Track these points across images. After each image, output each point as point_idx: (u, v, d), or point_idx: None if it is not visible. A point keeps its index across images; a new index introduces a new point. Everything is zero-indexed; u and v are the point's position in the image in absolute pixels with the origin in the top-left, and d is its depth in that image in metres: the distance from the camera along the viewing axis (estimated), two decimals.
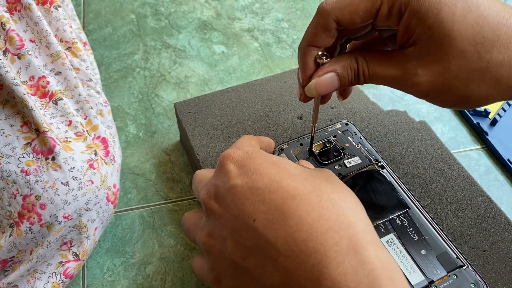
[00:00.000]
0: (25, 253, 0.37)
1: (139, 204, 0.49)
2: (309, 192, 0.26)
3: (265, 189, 0.27)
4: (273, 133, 0.45)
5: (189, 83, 0.61)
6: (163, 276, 0.44)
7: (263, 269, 0.25)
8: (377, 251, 0.25)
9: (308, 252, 0.24)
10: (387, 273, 0.24)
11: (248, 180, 0.28)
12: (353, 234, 0.25)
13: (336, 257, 0.24)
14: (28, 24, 0.42)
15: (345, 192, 0.28)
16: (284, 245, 0.25)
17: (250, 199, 0.27)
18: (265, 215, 0.26)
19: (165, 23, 0.68)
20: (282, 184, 0.27)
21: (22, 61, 0.39)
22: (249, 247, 0.26)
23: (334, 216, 0.25)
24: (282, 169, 0.28)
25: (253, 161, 0.29)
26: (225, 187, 0.28)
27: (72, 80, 0.42)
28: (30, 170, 0.36)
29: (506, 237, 0.38)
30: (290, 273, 0.24)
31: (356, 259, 0.24)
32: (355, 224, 0.26)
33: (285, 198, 0.26)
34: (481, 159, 0.53)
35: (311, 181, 0.28)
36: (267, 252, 0.25)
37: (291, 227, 0.25)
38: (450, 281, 0.34)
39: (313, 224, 0.25)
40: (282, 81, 0.50)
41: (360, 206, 0.28)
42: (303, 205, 0.26)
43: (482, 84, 0.29)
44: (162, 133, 0.55)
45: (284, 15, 0.70)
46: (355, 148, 0.42)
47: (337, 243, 0.24)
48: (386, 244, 0.35)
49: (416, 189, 0.41)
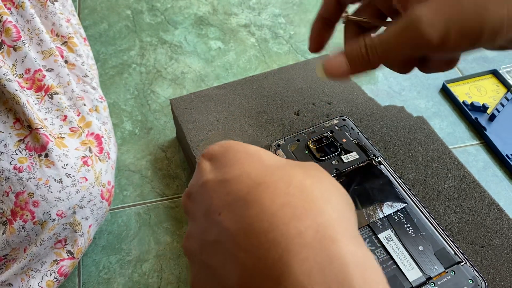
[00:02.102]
0: (18, 251, 0.36)
1: (135, 201, 0.49)
2: (277, 180, 0.23)
3: (233, 180, 0.24)
4: (269, 129, 0.45)
5: (186, 79, 0.60)
6: (159, 274, 0.43)
7: (224, 267, 0.22)
8: (350, 244, 0.21)
9: (268, 245, 0.21)
10: (360, 271, 0.20)
11: (219, 173, 0.25)
12: (321, 223, 0.21)
13: (300, 252, 0.20)
14: (18, 22, 0.41)
15: (322, 178, 0.24)
16: (244, 238, 0.21)
17: (218, 192, 0.24)
18: (229, 207, 0.23)
19: (161, 18, 0.68)
20: (251, 174, 0.24)
21: (18, 53, 0.38)
22: (214, 244, 0.23)
23: (300, 203, 0.22)
24: (256, 159, 0.25)
25: (227, 154, 0.26)
26: (198, 185, 0.26)
27: (64, 77, 0.41)
28: (23, 167, 0.35)
29: (504, 233, 0.38)
30: (249, 271, 0.21)
31: (323, 254, 0.20)
32: (325, 210, 0.22)
33: (250, 187, 0.23)
34: (479, 154, 0.53)
35: (284, 169, 0.24)
36: (228, 247, 0.22)
37: (251, 217, 0.22)
38: (448, 277, 0.33)
39: (275, 213, 0.21)
40: (279, 77, 0.50)
41: (339, 193, 0.24)
42: (267, 193, 0.22)
43: (493, 4, 0.26)
44: (158, 129, 0.55)
45: (281, 10, 0.70)
46: (352, 143, 0.42)
47: (301, 233, 0.20)
48: (383, 240, 0.35)
49: (413, 184, 0.41)
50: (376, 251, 0.35)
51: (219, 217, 0.23)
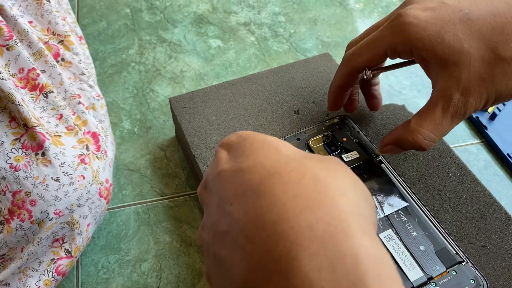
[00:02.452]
0: (16, 250, 0.36)
1: (134, 200, 0.48)
2: (291, 171, 0.22)
3: (247, 170, 0.23)
4: (269, 128, 0.44)
5: (185, 78, 0.60)
6: (159, 273, 0.43)
7: (232, 260, 0.21)
8: (364, 239, 0.19)
9: (276, 238, 0.19)
10: (375, 269, 0.18)
11: (235, 163, 0.25)
12: (334, 216, 0.20)
13: (310, 246, 0.19)
14: (8, 27, 0.41)
15: (338, 171, 0.23)
16: (252, 230, 0.20)
17: (231, 183, 0.24)
18: (241, 197, 0.22)
19: (160, 17, 0.68)
20: (265, 164, 0.23)
21: (11, 52, 0.38)
22: (224, 235, 0.22)
23: (313, 194, 0.21)
24: (272, 149, 0.25)
25: (244, 143, 0.26)
26: (213, 175, 0.26)
27: (56, 78, 0.41)
28: (20, 166, 0.35)
29: (506, 232, 0.37)
30: (255, 264, 0.20)
31: (335, 250, 0.19)
32: (339, 203, 0.21)
33: (263, 177, 0.22)
34: (480, 153, 0.53)
35: (299, 160, 0.23)
36: (236, 239, 0.21)
37: (261, 208, 0.21)
38: (450, 277, 0.33)
39: (286, 204, 0.20)
40: (278, 75, 0.50)
41: (357, 188, 0.23)
42: (280, 184, 0.21)
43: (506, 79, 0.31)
44: (157, 128, 0.55)
45: (281, 8, 0.70)
46: (353, 142, 0.42)
47: (312, 226, 0.19)
48: (384, 240, 0.35)
49: (414, 184, 0.40)
50: None
51: (231, 208, 0.22)
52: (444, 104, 0.33)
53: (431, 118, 0.34)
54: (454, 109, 0.33)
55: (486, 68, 0.31)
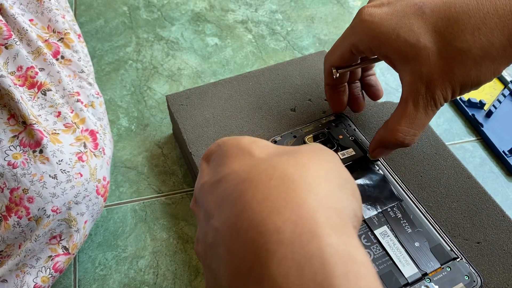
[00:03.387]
0: (13, 247, 0.36)
1: (131, 197, 0.48)
2: (260, 173, 0.21)
3: (223, 180, 0.23)
4: (266, 126, 0.45)
5: (182, 76, 0.60)
6: (156, 270, 0.43)
7: (219, 271, 0.21)
8: (332, 236, 0.19)
9: (248, 245, 0.19)
10: (342, 267, 0.18)
11: (214, 174, 0.24)
12: (301, 215, 0.19)
13: (277, 250, 0.18)
14: (7, 26, 0.41)
15: (309, 163, 0.22)
16: (229, 240, 0.20)
17: (212, 194, 0.23)
18: (219, 208, 0.22)
19: (158, 15, 0.68)
20: (238, 170, 0.23)
21: (9, 51, 0.38)
22: (211, 247, 0.22)
23: (281, 195, 0.20)
24: (246, 153, 0.24)
25: (220, 152, 0.25)
26: (198, 188, 0.26)
27: (55, 75, 0.41)
28: (17, 163, 0.35)
29: (500, 229, 0.38)
30: (235, 274, 0.20)
31: (303, 252, 0.18)
32: (307, 200, 0.20)
33: (235, 184, 0.22)
34: (476, 151, 0.53)
35: (270, 160, 0.23)
36: (219, 250, 0.21)
37: (235, 216, 0.20)
38: (444, 273, 0.33)
39: (255, 209, 0.20)
40: (275, 73, 0.50)
41: (333, 176, 0.22)
42: (250, 188, 0.21)
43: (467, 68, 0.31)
44: (154, 126, 0.55)
45: (278, 6, 0.70)
46: (349, 140, 0.42)
47: (279, 229, 0.19)
48: (379, 236, 0.35)
49: (410, 181, 0.41)
50: (372, 247, 0.35)
51: (213, 220, 0.22)
52: (414, 99, 0.33)
53: (405, 114, 0.34)
54: (424, 102, 0.33)
55: (444, 60, 0.31)
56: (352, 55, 0.36)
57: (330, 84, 0.41)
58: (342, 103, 0.42)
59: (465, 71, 0.31)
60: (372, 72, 0.43)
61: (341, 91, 0.42)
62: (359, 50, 0.35)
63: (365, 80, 0.43)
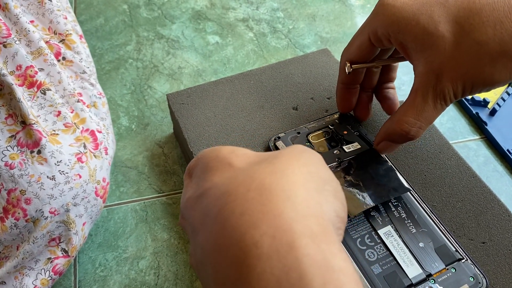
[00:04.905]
0: (11, 248, 0.36)
1: (132, 197, 0.48)
2: (238, 185, 0.21)
3: (205, 195, 0.23)
4: (268, 125, 0.44)
5: (183, 74, 0.60)
6: (157, 271, 0.43)
7: (209, 287, 0.21)
8: (310, 246, 0.18)
9: (230, 262, 0.19)
10: (320, 278, 0.18)
11: (196, 188, 0.24)
12: (278, 227, 0.19)
13: (256, 265, 0.18)
14: (6, 24, 0.40)
15: (289, 168, 0.22)
16: (213, 257, 0.20)
17: (196, 210, 0.23)
18: (203, 225, 0.22)
19: (158, 13, 0.67)
20: (218, 184, 0.22)
21: (8, 49, 0.38)
22: (200, 264, 0.22)
23: (258, 207, 0.19)
24: (226, 165, 0.23)
25: (201, 165, 0.25)
26: (183, 204, 0.25)
27: (55, 76, 0.41)
28: (15, 163, 0.35)
29: (505, 229, 0.37)
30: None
31: (280, 265, 0.18)
32: (284, 210, 0.19)
33: (216, 199, 0.21)
34: (480, 149, 0.53)
35: (248, 170, 0.22)
36: (206, 267, 0.21)
37: (217, 233, 0.20)
38: (449, 275, 0.33)
39: (234, 224, 0.19)
40: (277, 71, 0.49)
41: (312, 179, 0.22)
42: (229, 203, 0.20)
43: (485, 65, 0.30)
44: (155, 125, 0.54)
45: (279, 4, 0.69)
46: (354, 135, 0.41)
47: (257, 243, 0.18)
48: (383, 236, 0.35)
49: (414, 180, 0.40)
50: (376, 247, 0.34)
51: (198, 237, 0.22)
52: (424, 90, 0.32)
53: (413, 105, 0.33)
54: (433, 95, 0.32)
55: (460, 52, 0.30)
56: (370, 45, 0.35)
57: (343, 82, 0.40)
58: (350, 104, 0.42)
59: (479, 66, 0.30)
60: (391, 85, 0.42)
61: (353, 92, 0.41)
62: (377, 37, 0.34)
63: (383, 92, 0.42)
